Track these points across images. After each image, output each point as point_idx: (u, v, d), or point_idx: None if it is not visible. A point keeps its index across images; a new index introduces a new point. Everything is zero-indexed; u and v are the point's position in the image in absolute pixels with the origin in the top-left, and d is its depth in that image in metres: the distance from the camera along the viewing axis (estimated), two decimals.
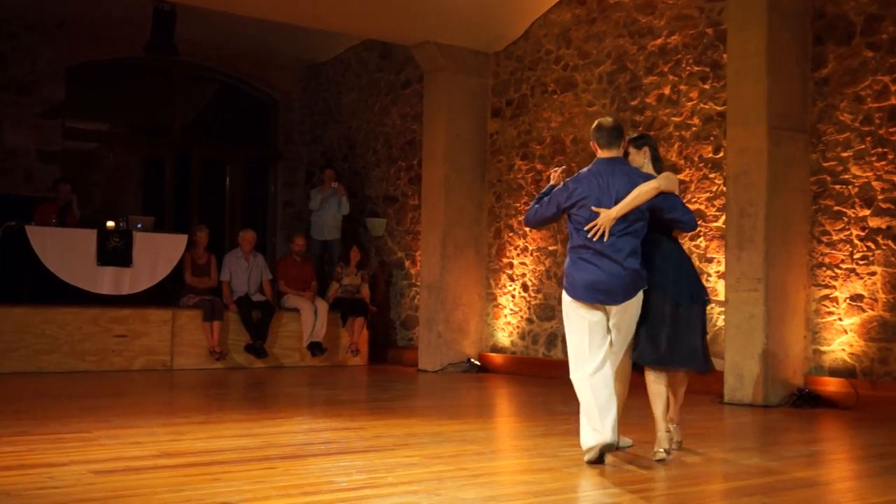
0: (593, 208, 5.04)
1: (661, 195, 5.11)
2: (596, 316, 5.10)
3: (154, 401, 7.87)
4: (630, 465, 4.94)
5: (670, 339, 5.18)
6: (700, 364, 5.32)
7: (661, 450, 5.13)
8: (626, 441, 5.34)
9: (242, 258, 10.88)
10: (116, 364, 9.71)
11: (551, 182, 5.48)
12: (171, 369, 10.00)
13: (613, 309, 5.11)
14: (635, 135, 5.56)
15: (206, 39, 12.37)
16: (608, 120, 5.27)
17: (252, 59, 13.49)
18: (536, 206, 5.38)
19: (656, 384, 5.28)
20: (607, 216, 5.00)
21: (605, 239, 5.01)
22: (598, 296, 5.07)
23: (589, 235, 5.04)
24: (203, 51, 12.80)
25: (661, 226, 5.27)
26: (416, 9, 10.01)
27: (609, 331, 5.14)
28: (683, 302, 5.20)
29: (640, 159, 5.36)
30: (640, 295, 5.13)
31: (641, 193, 5.02)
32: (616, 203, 5.02)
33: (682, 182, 8.97)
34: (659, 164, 5.43)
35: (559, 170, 5.54)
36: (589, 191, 5.09)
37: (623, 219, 5.01)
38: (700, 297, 5.33)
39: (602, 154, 5.20)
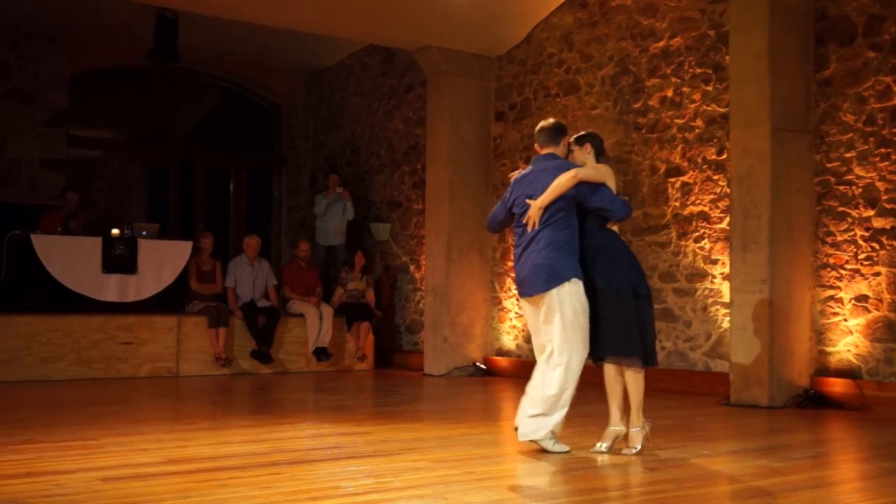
0: (526, 200, 5.30)
1: (586, 184, 5.25)
2: (533, 311, 5.38)
3: (160, 407, 7.88)
4: (636, 467, 4.94)
5: (607, 330, 5.28)
6: (640, 356, 5.35)
7: (601, 444, 5.33)
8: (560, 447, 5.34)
9: (247, 264, 10.89)
10: (122, 371, 9.72)
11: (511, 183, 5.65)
12: (177, 376, 10.01)
13: (538, 300, 5.30)
14: (580, 133, 5.64)
15: (208, 46, 12.40)
16: (548, 121, 5.58)
17: (255, 66, 13.51)
18: (494, 210, 5.64)
19: (607, 377, 5.44)
20: (534, 206, 5.24)
21: (536, 228, 5.24)
22: (524, 289, 5.38)
23: (528, 227, 5.27)
24: (206, 58, 12.83)
25: (601, 219, 5.38)
26: (418, 13, 10.02)
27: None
28: (613, 292, 5.27)
29: (583, 156, 5.50)
30: (570, 288, 5.22)
31: (560, 183, 5.21)
32: None
33: (685, 184, 8.99)
34: (603, 160, 5.53)
35: (515, 172, 5.67)
36: (523, 188, 5.38)
37: (545, 210, 5.22)
38: (635, 288, 5.32)
39: (540, 152, 5.51)
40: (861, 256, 7.87)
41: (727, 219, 8.52)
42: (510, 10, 10.30)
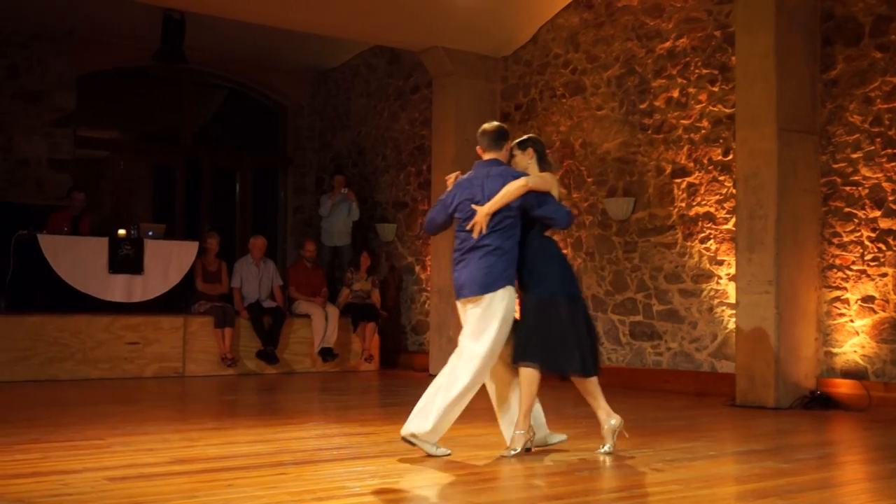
0: (472, 206, 5.26)
1: (533, 193, 5.24)
2: (467, 314, 5.35)
3: (166, 407, 7.89)
4: (642, 468, 4.94)
5: (540, 339, 5.24)
6: (571, 365, 5.28)
7: (510, 450, 5.24)
8: (442, 450, 5.25)
9: (253, 264, 10.90)
10: (129, 371, 9.74)
11: (448, 187, 5.59)
12: (183, 376, 10.03)
13: (470, 303, 5.31)
14: (522, 137, 5.59)
15: (215, 47, 12.42)
16: (492, 124, 5.49)
17: (261, 66, 13.53)
18: (432, 212, 5.58)
19: (521, 381, 5.35)
20: (481, 213, 5.21)
21: (483, 233, 5.22)
22: (462, 292, 5.35)
23: (473, 233, 5.25)
24: (212, 58, 12.85)
25: (541, 226, 5.38)
26: (424, 14, 10.03)
27: None
28: (547, 298, 5.25)
29: (525, 161, 5.46)
30: (504, 294, 5.21)
31: (510, 191, 5.19)
32: None
33: (691, 185, 8.98)
34: (545, 165, 5.49)
35: (453, 176, 5.63)
36: (466, 194, 5.34)
37: (491, 217, 5.21)
38: (571, 294, 5.30)
39: (484, 157, 5.43)
40: (867, 257, 7.85)
41: (733, 219, 8.51)
42: (516, 11, 10.30)
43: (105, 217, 12.18)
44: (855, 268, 7.93)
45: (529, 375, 5.29)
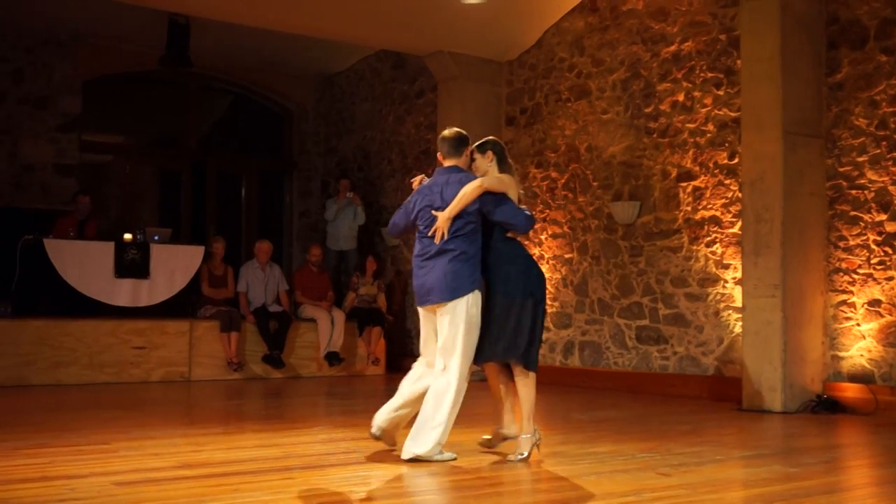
0: (433, 212, 5.31)
1: (490, 197, 5.25)
2: (429, 320, 5.42)
3: (173, 412, 7.89)
4: (649, 472, 4.94)
5: (494, 333, 5.29)
6: (516, 356, 5.30)
7: (485, 436, 5.51)
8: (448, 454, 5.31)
9: (259, 269, 10.91)
10: (135, 376, 9.75)
11: (413, 189, 5.66)
12: (189, 380, 10.04)
13: (437, 310, 5.32)
14: (481, 140, 5.58)
15: (220, 51, 12.45)
16: (451, 130, 5.54)
17: (266, 71, 13.56)
18: (395, 216, 5.64)
19: (491, 380, 5.52)
20: (442, 218, 5.25)
21: (445, 239, 5.26)
22: (426, 298, 5.36)
23: (435, 239, 5.28)
24: (217, 63, 12.88)
25: (503, 229, 5.39)
26: (429, 19, 10.04)
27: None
28: (509, 298, 5.28)
29: (485, 164, 5.46)
30: (471, 299, 5.25)
31: (466, 193, 5.21)
32: None
33: (697, 189, 8.98)
34: (505, 167, 5.49)
35: (418, 178, 5.69)
36: (426, 200, 5.40)
37: (452, 222, 5.24)
38: (532, 293, 5.31)
39: (444, 164, 5.47)
40: (874, 261, 7.84)
41: (739, 223, 8.51)
42: (521, 15, 10.30)
43: (111, 221, 12.20)
44: (861, 271, 7.92)
45: (490, 373, 5.48)
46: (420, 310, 5.48)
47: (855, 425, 7.16)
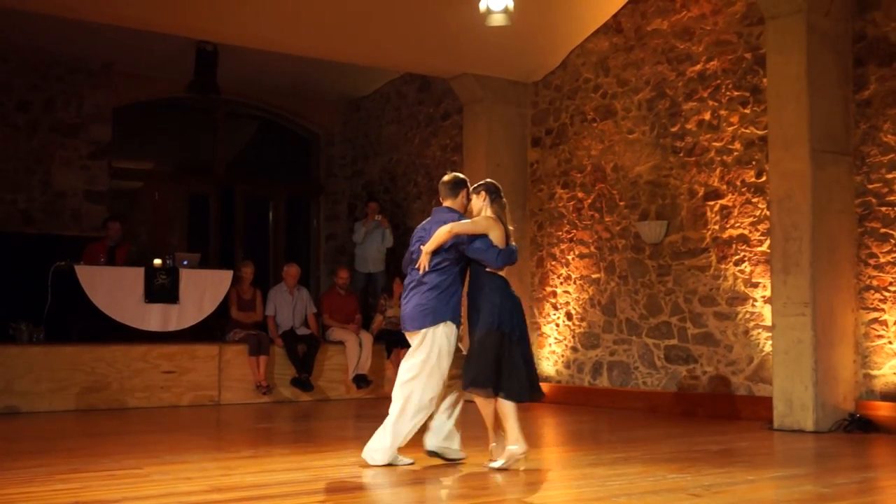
0: (420, 247, 5.91)
1: (466, 236, 5.77)
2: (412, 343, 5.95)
3: (203, 436, 7.93)
4: (680, 494, 4.90)
5: (470, 362, 5.73)
6: (483, 387, 5.68)
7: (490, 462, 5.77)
8: (404, 460, 5.86)
9: (287, 292, 10.96)
10: (165, 400, 9.81)
11: None
12: (219, 404, 10.08)
13: (413, 336, 5.89)
14: (478, 183, 6.10)
15: (247, 77, 12.57)
16: (449, 175, 6.17)
17: (293, 96, 13.67)
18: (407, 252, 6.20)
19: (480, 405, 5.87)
20: (423, 252, 5.86)
21: (426, 270, 5.84)
22: (404, 324, 5.97)
23: (419, 270, 5.88)
24: (245, 89, 13.00)
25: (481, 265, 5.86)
26: (454, 41, 10.10)
27: None
28: (484, 330, 5.70)
29: (479, 203, 5.98)
30: (443, 329, 5.78)
31: (438, 236, 5.82)
32: None
33: (724, 207, 8.94)
34: (496, 207, 5.92)
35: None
36: (419, 236, 6.04)
37: (432, 256, 5.82)
38: (499, 326, 5.69)
39: (443, 204, 6.10)
40: None
41: (767, 241, 8.46)
42: (545, 37, 10.34)
43: (141, 247, 12.31)
44: (893, 289, 7.84)
45: (480, 399, 5.79)
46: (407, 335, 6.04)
47: (888, 444, 7.08)
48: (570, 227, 10.54)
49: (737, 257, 8.86)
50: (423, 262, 5.84)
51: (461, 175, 6.18)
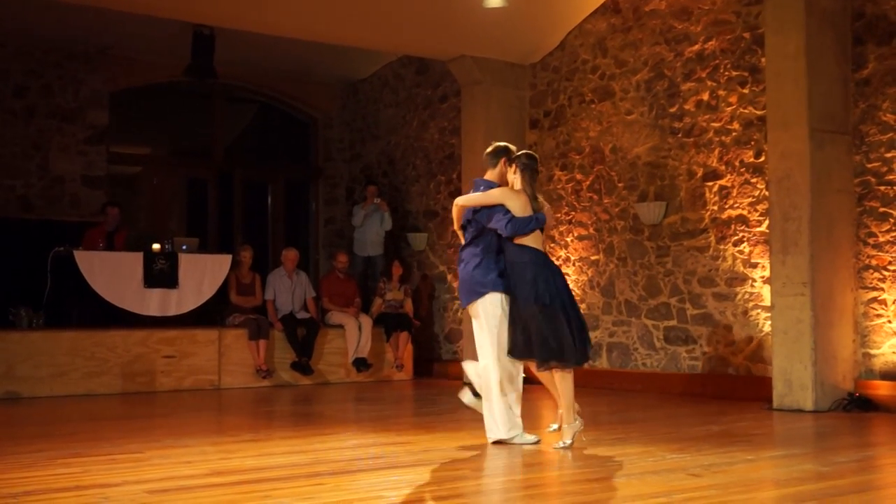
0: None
1: (484, 209, 5.85)
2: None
3: (203, 420, 7.95)
4: (680, 473, 4.92)
5: (525, 335, 5.79)
6: (555, 358, 5.77)
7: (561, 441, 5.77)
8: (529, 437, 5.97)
9: (286, 276, 10.96)
10: (165, 384, 9.82)
11: None
12: (219, 388, 10.10)
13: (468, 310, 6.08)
14: (516, 154, 6.06)
15: (245, 61, 12.52)
16: (491, 146, 6.16)
17: (290, 79, 13.62)
18: None
19: (542, 378, 6.00)
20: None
21: (461, 246, 6.10)
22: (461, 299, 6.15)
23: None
24: (242, 72, 12.95)
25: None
26: (452, 23, 10.06)
27: None
28: (522, 302, 5.77)
29: (511, 175, 5.98)
30: (487, 299, 5.87)
31: (454, 210, 6.05)
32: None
33: (723, 188, 8.94)
34: (527, 176, 5.90)
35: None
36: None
37: (465, 230, 6.02)
38: (537, 299, 5.73)
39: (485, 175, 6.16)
40: None
41: (766, 222, 8.46)
42: (543, 18, 10.30)
43: (139, 232, 12.30)
44: (892, 268, 7.85)
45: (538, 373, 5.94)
46: None
47: (887, 423, 7.09)
48: (568, 208, 10.53)
49: (736, 238, 8.85)
50: (459, 235, 6.08)
51: (503, 144, 6.15)
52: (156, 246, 10.24)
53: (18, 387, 9.09)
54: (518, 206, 5.78)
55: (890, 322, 7.81)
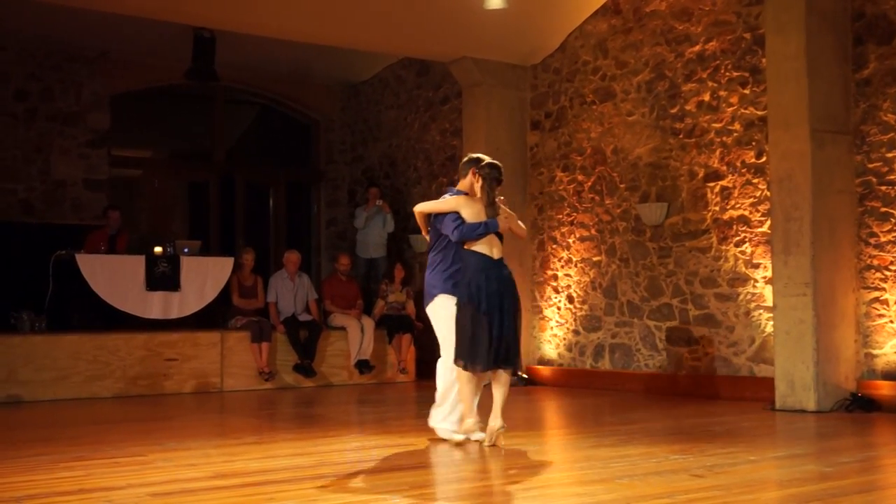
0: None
1: (437, 215, 6.18)
2: None
3: (206, 422, 7.95)
4: (682, 474, 4.92)
5: (457, 337, 6.01)
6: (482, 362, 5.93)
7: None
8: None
9: (288, 279, 10.97)
10: (168, 388, 9.82)
11: None
12: (222, 391, 10.10)
13: None
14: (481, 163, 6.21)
15: (246, 64, 12.53)
16: (466, 156, 6.37)
17: (292, 82, 13.63)
18: None
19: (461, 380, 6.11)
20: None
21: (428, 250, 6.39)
22: None
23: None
24: (243, 75, 12.96)
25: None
26: (452, 25, 10.07)
27: None
28: (461, 304, 5.98)
29: (476, 184, 6.17)
30: (438, 302, 6.17)
31: (415, 213, 6.41)
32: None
33: (725, 188, 8.94)
34: (486, 184, 6.08)
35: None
36: None
37: (430, 237, 6.32)
38: (478, 302, 5.90)
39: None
40: None
41: (768, 222, 8.46)
42: (544, 20, 10.30)
43: (141, 235, 12.30)
44: (893, 268, 7.85)
45: (460, 374, 6.02)
46: None
47: (890, 423, 7.09)
48: (570, 210, 10.53)
49: (737, 238, 8.85)
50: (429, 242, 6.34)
51: (475, 155, 6.33)
52: (158, 249, 10.25)
53: (20, 390, 9.09)
54: (471, 213, 6.04)
55: (892, 322, 7.81)
